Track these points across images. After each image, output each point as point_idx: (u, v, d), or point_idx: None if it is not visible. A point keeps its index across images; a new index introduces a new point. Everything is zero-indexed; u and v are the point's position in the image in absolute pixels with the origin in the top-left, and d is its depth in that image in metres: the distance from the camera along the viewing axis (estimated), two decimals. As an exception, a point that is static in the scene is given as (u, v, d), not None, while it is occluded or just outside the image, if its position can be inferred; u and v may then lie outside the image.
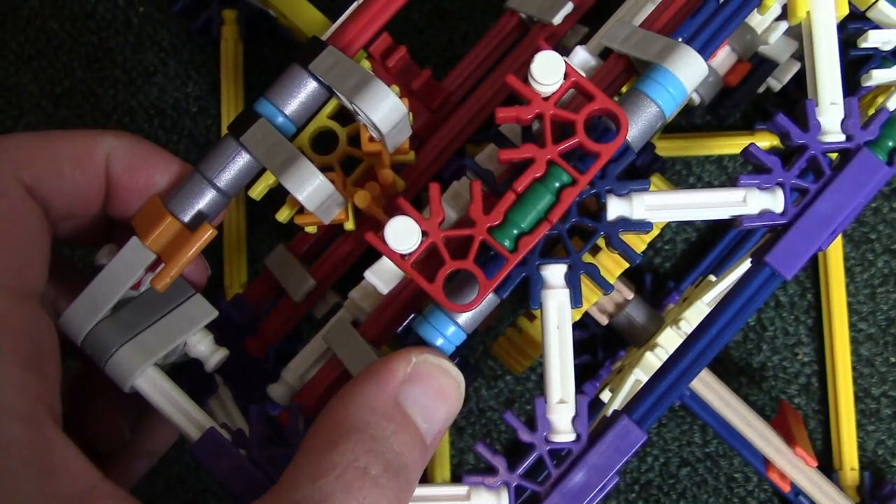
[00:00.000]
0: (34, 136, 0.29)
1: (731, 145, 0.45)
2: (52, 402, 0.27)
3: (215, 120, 0.47)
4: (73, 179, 0.29)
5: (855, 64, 0.43)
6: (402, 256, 0.28)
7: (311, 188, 0.29)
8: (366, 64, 0.35)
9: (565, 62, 0.28)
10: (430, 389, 0.27)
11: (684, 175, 0.46)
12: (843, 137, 0.31)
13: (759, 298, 0.30)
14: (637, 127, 0.30)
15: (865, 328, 0.45)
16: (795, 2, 0.31)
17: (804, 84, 0.43)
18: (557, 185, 0.28)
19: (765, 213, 0.30)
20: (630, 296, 0.37)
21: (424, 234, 0.28)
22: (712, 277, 0.36)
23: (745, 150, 0.31)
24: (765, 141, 0.44)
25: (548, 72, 0.28)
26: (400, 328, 0.32)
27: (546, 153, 0.28)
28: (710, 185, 0.46)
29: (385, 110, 0.29)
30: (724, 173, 0.46)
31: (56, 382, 0.28)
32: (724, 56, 0.37)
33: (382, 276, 0.31)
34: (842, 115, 0.31)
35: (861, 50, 0.42)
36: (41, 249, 0.29)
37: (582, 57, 0.33)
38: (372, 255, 0.39)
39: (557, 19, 0.35)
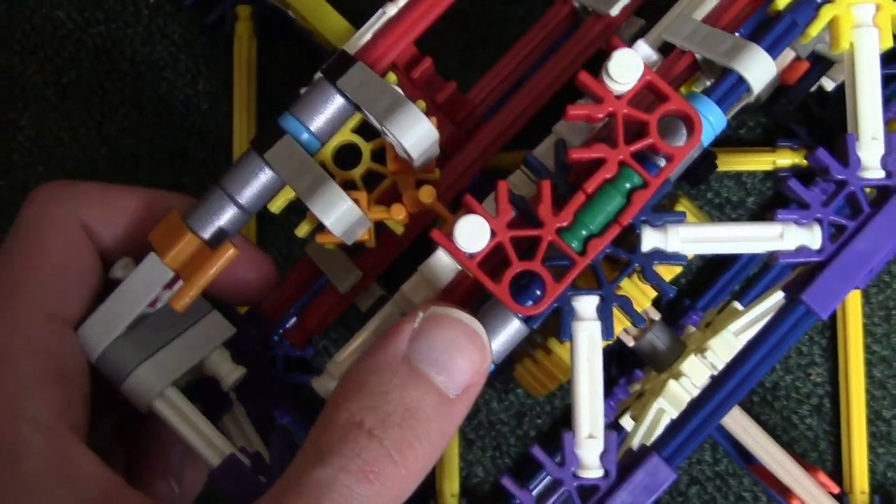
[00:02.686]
0: (104, 186, 0.31)
1: (752, 162, 0.44)
2: (74, 416, 0.28)
3: (226, 118, 0.45)
4: (130, 233, 0.30)
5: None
6: (468, 255, 0.27)
7: (339, 213, 0.28)
8: (391, 78, 0.34)
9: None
10: (441, 341, 0.27)
11: (702, 190, 0.45)
12: (883, 174, 0.30)
13: (793, 336, 0.30)
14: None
15: (879, 350, 0.45)
16: (838, 33, 0.30)
17: (826, 102, 0.43)
18: (628, 186, 0.28)
19: (801, 250, 0.30)
20: (656, 316, 0.36)
21: (492, 233, 0.27)
22: (738, 305, 0.35)
23: (785, 185, 0.30)
24: (786, 158, 0.43)
25: (625, 70, 0.27)
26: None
27: (618, 153, 0.27)
28: (728, 200, 0.45)
29: (417, 135, 0.28)
30: (742, 189, 0.45)
31: (80, 400, 0.28)
32: (783, 54, 0.36)
33: (437, 272, 0.30)
34: (882, 151, 0.30)
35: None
36: (86, 283, 0.30)
37: (644, 51, 0.32)
38: (418, 245, 0.39)
39: (615, 10, 0.34)
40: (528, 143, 0.37)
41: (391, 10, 0.35)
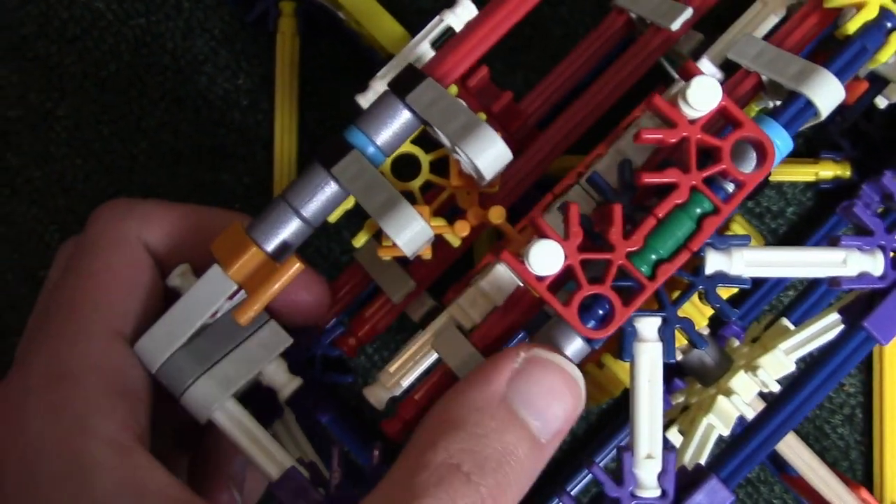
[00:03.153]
0: (163, 204, 0.31)
1: (794, 172, 0.44)
2: (139, 429, 0.28)
3: (266, 115, 0.45)
4: (192, 252, 0.31)
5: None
6: (538, 278, 0.27)
7: (412, 234, 0.28)
8: (452, 89, 0.33)
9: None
10: (541, 386, 0.27)
11: (743, 200, 0.45)
12: (947, 202, 0.30)
13: (853, 362, 0.30)
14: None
15: (913, 362, 0.45)
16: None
17: (872, 116, 0.43)
18: (699, 211, 0.28)
19: (863, 276, 0.30)
20: (706, 331, 0.36)
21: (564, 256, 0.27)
22: (788, 323, 0.36)
23: (850, 211, 0.30)
24: (828, 170, 0.43)
25: (704, 98, 0.27)
26: (513, 341, 0.32)
27: (690, 179, 0.27)
28: (768, 209, 0.45)
29: (491, 157, 0.28)
30: (782, 199, 0.45)
31: (144, 413, 0.29)
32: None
33: (497, 288, 0.30)
34: (947, 179, 0.31)
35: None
36: (147, 298, 0.30)
37: (708, 69, 0.32)
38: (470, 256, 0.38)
39: (676, 25, 0.34)
40: (573, 149, 0.37)
41: (449, 19, 0.35)
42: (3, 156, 0.45)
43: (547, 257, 0.27)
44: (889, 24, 0.30)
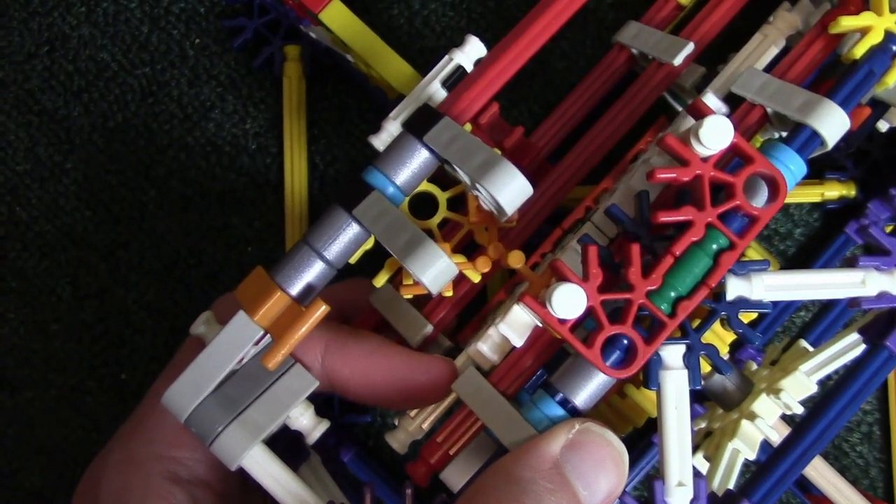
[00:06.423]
0: None
1: (800, 194, 0.44)
2: None
3: (275, 159, 0.45)
4: None
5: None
6: (560, 321, 0.27)
7: (437, 272, 0.28)
8: (466, 127, 0.34)
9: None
10: (591, 458, 0.28)
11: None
12: (961, 221, 0.31)
13: (877, 381, 0.30)
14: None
15: (927, 377, 0.45)
16: (913, 80, 0.31)
17: (873, 136, 0.43)
18: (715, 247, 0.28)
19: (883, 296, 0.30)
20: (726, 357, 0.36)
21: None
22: (806, 345, 0.36)
23: (866, 232, 0.31)
24: (834, 191, 0.44)
25: (716, 137, 0.27)
26: (530, 380, 0.32)
27: (705, 216, 0.28)
28: (776, 231, 0.45)
29: (513, 192, 0.28)
30: (790, 220, 0.46)
31: (204, 495, 0.32)
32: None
33: (516, 330, 0.30)
34: (959, 197, 0.31)
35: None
36: None
37: (714, 104, 0.32)
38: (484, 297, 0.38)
39: (678, 60, 0.35)
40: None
41: (458, 57, 0.35)
42: (13, 210, 0.45)
43: (570, 301, 0.27)
44: (895, 48, 0.31)
